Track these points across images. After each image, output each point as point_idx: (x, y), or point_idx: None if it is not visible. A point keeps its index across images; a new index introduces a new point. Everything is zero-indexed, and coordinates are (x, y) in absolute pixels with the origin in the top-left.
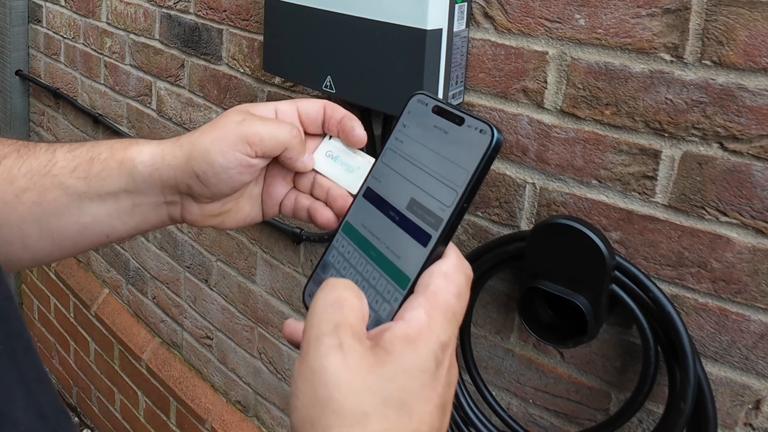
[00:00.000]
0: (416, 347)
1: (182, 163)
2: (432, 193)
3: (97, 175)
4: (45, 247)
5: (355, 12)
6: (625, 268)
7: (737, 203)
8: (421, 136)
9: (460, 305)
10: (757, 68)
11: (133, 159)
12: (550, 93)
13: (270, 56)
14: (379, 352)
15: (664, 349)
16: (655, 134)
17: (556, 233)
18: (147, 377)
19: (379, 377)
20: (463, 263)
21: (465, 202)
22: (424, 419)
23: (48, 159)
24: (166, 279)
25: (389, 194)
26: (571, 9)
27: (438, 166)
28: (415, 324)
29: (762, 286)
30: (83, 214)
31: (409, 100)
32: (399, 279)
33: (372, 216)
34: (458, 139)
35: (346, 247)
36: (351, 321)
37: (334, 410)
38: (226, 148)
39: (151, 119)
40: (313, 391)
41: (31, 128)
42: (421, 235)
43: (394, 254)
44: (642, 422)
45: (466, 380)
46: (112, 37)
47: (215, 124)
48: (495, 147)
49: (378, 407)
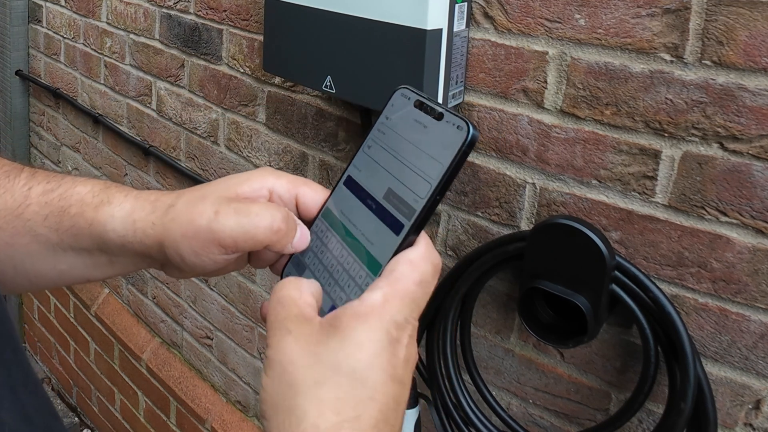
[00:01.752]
0: (365, 321)
1: (155, 243)
2: (408, 184)
3: (67, 231)
4: (22, 284)
5: (355, 12)
6: (625, 268)
7: (737, 203)
8: (402, 129)
9: (421, 292)
10: (757, 68)
11: (103, 224)
12: (550, 93)
13: (270, 56)
14: (328, 328)
15: (664, 349)
16: (655, 134)
17: (556, 233)
18: (147, 377)
19: (327, 348)
20: (432, 253)
21: (438, 194)
22: (378, 388)
23: (22, 199)
24: (166, 279)
25: (368, 183)
26: (571, 9)
27: (415, 158)
28: (368, 303)
29: (762, 286)
30: (59, 262)
31: (393, 94)
32: (371, 265)
33: (350, 204)
34: (436, 133)
35: (324, 232)
36: (294, 312)
37: (288, 383)
38: (198, 249)
39: (151, 119)
40: (275, 377)
41: (31, 128)
42: (395, 224)
43: (369, 241)
44: (642, 422)
45: (466, 380)
46: (112, 37)
47: (189, 210)
48: (470, 143)
49: (329, 375)
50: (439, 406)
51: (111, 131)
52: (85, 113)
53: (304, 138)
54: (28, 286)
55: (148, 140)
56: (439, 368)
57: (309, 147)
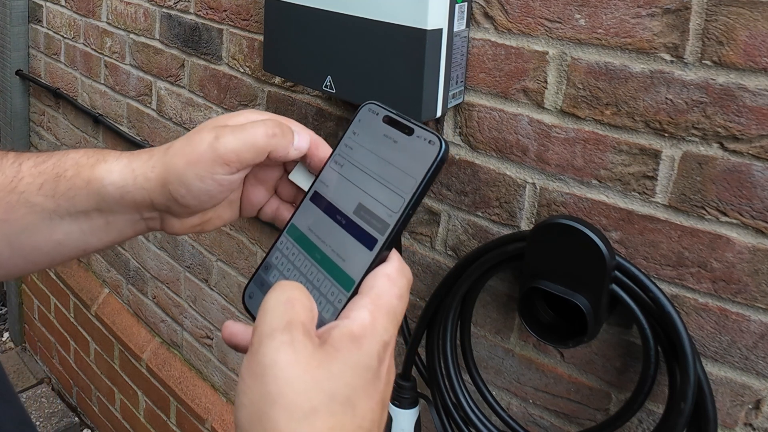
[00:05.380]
0: (361, 345)
1: (157, 186)
2: (379, 199)
3: (64, 194)
4: (18, 264)
5: (355, 12)
6: (625, 268)
7: (737, 203)
8: (370, 144)
9: (401, 306)
10: (757, 68)
11: (101, 180)
12: (550, 93)
13: (270, 56)
14: (328, 349)
15: (664, 349)
16: (655, 134)
17: (556, 233)
18: (147, 377)
19: (328, 374)
20: (405, 267)
21: (411, 209)
22: (366, 416)
23: (14, 174)
24: (166, 279)
25: (337, 199)
26: (571, 9)
27: (386, 173)
28: (359, 323)
29: (762, 286)
30: (55, 232)
31: (360, 109)
32: (343, 281)
33: (318, 219)
34: (407, 148)
35: (290, 249)
36: (302, 319)
37: (283, 405)
38: (203, 172)
39: (151, 119)
40: (263, 386)
41: (31, 128)
42: (368, 239)
43: (340, 257)
44: (642, 422)
45: (466, 380)
46: (112, 37)
47: (188, 142)
48: (442, 158)
49: (326, 403)
50: (439, 406)
51: (111, 131)
52: (86, 113)
53: None
54: (23, 266)
55: (149, 140)
56: (439, 368)
57: None
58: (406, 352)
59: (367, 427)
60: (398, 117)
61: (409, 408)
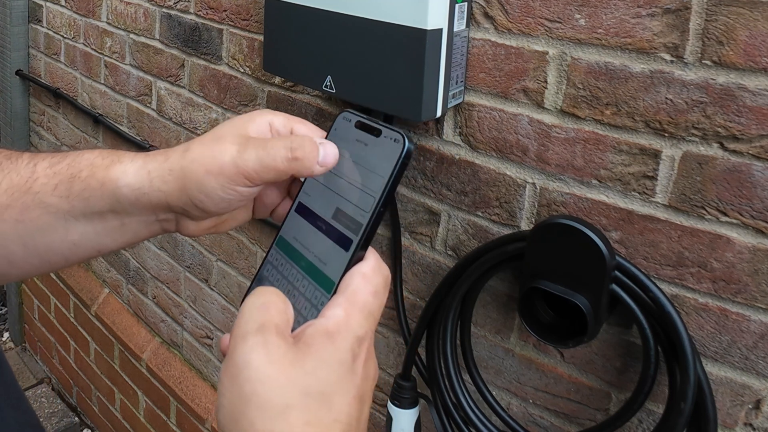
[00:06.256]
0: (334, 341)
1: (174, 189)
2: (354, 201)
3: (78, 195)
4: (33, 263)
5: (355, 12)
6: (625, 268)
7: (737, 203)
8: (345, 151)
9: (377, 303)
10: (757, 68)
11: (116, 181)
12: (551, 93)
13: (270, 56)
14: (301, 347)
15: (664, 349)
16: (655, 134)
17: (556, 233)
18: (147, 377)
19: (301, 370)
20: (382, 266)
21: (381, 206)
22: (342, 410)
23: (29, 174)
24: (166, 279)
25: (317, 207)
26: (571, 9)
27: (359, 175)
28: (333, 320)
29: (762, 286)
30: (70, 233)
31: (336, 119)
32: (325, 284)
33: (302, 229)
34: (375, 149)
35: (279, 260)
36: (276, 321)
37: (257, 405)
38: (225, 183)
39: (151, 119)
40: (238, 387)
41: (32, 128)
42: (344, 241)
43: (321, 262)
44: (642, 422)
45: (466, 380)
46: (112, 37)
47: (209, 150)
48: (406, 154)
49: (300, 399)
50: (439, 406)
51: (111, 131)
52: (86, 113)
53: None
54: (38, 266)
55: (149, 140)
56: (439, 368)
57: None
58: (406, 352)
59: (344, 421)
60: (368, 121)
61: (409, 408)
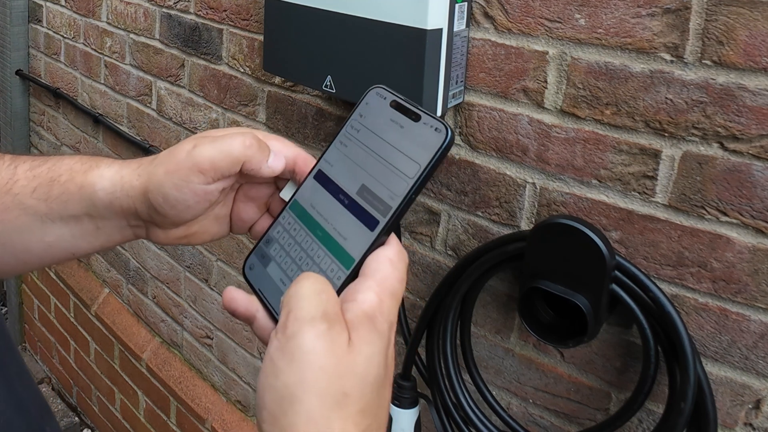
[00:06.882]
0: (375, 326)
1: (139, 194)
2: (383, 182)
3: (57, 198)
4: (9, 263)
5: (355, 12)
6: (625, 267)
7: (737, 203)
8: (377, 128)
9: (401, 289)
10: (757, 68)
11: (93, 185)
12: (551, 93)
13: (270, 56)
14: (352, 334)
15: (664, 349)
16: (655, 134)
17: (556, 233)
18: (147, 377)
19: (359, 356)
20: (403, 252)
21: (414, 193)
22: (387, 395)
23: (9, 176)
24: (166, 279)
25: (340, 179)
26: (571, 9)
27: (392, 157)
28: (369, 304)
29: (762, 285)
30: (46, 234)
31: (368, 92)
32: (344, 259)
33: (321, 197)
34: (413, 134)
35: (292, 225)
36: (337, 310)
37: (317, 392)
38: (179, 180)
39: (151, 119)
40: (299, 372)
41: (31, 128)
42: (370, 220)
43: (341, 235)
44: (642, 422)
45: (466, 380)
46: (112, 36)
47: (170, 152)
48: (447, 145)
49: (358, 386)
50: (439, 406)
51: (111, 131)
52: (86, 113)
53: (304, 138)
54: (14, 265)
55: (149, 140)
56: (439, 368)
57: (309, 147)
58: (406, 352)
59: (385, 406)
60: (406, 103)
61: (409, 408)
